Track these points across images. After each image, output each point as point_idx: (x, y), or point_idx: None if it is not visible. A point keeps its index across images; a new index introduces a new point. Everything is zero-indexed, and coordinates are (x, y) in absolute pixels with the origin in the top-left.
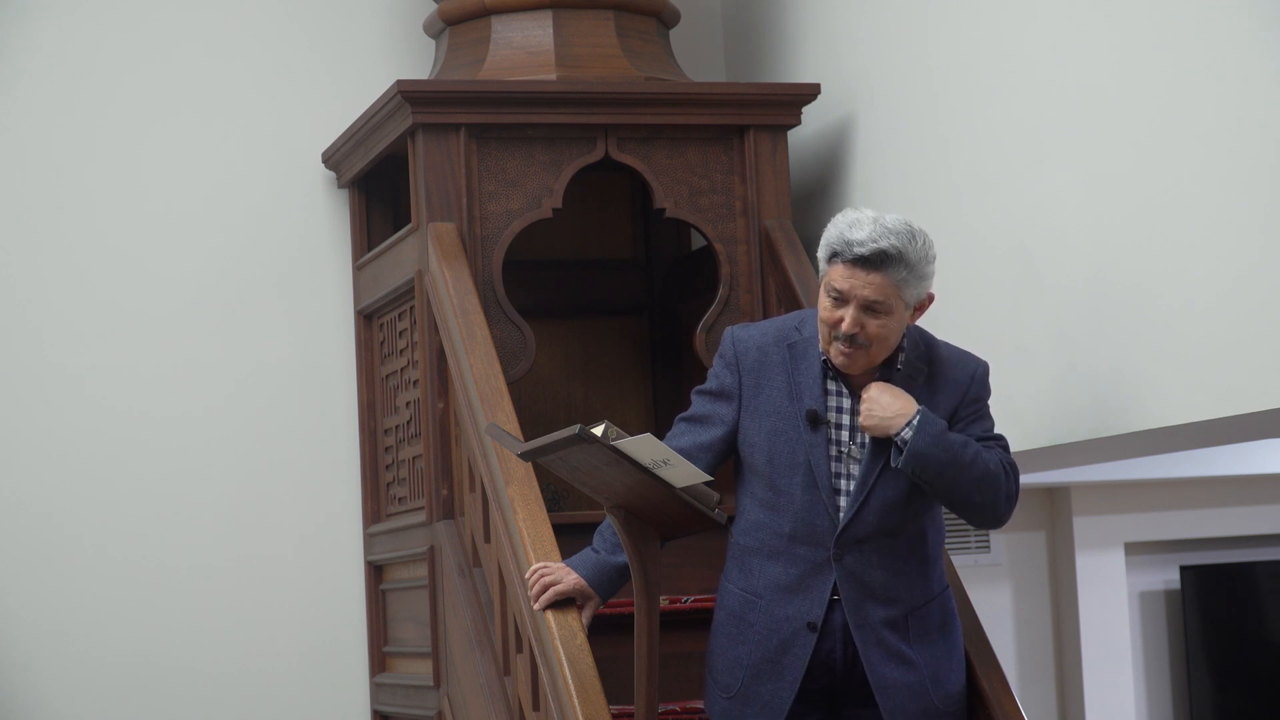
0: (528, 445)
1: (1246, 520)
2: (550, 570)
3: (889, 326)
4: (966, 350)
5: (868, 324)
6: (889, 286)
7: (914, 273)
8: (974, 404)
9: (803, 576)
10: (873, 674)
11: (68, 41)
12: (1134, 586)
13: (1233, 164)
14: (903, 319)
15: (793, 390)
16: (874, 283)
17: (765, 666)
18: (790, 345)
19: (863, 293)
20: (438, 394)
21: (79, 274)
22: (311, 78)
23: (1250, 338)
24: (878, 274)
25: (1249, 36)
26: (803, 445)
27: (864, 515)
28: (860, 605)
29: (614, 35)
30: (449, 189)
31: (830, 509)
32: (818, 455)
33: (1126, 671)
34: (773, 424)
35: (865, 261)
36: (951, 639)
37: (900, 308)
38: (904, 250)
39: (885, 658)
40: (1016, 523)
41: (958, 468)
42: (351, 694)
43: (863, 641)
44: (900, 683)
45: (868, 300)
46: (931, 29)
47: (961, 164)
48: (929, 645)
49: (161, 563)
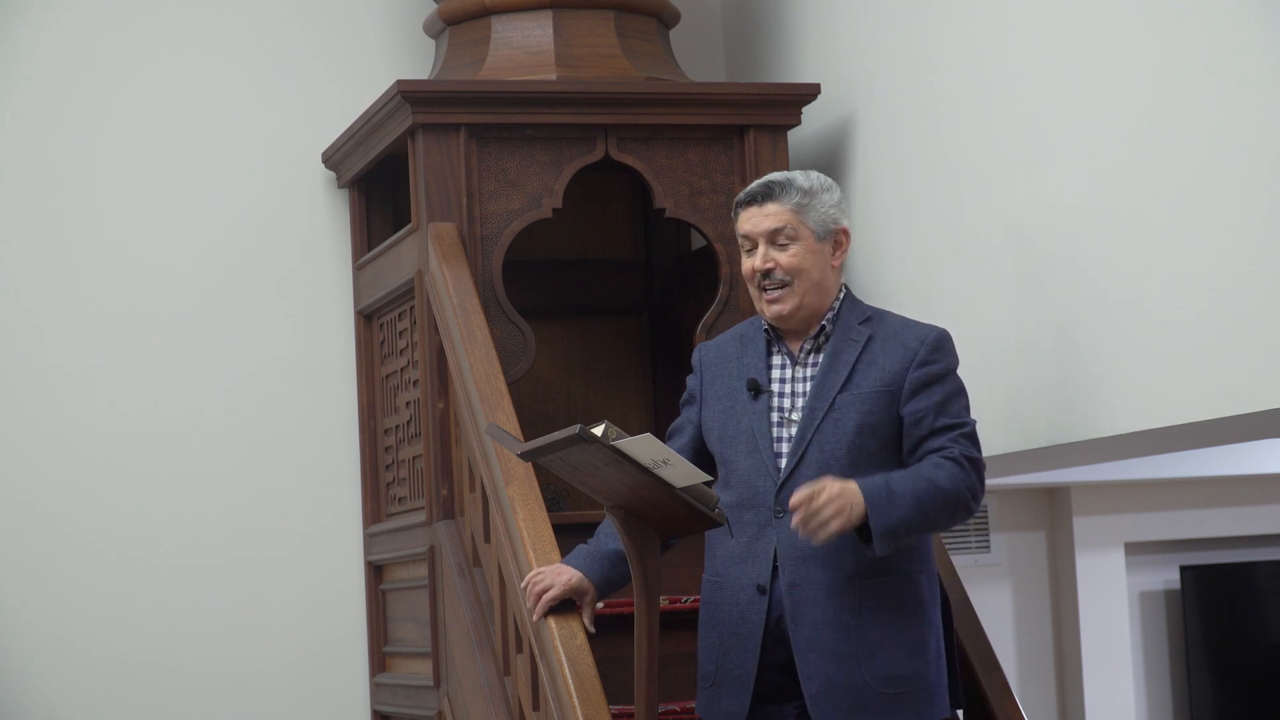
0: (528, 445)
1: (1246, 520)
2: (542, 577)
3: (801, 255)
4: (934, 325)
5: (779, 257)
6: (787, 213)
7: (811, 198)
8: (923, 369)
9: (750, 542)
10: (796, 634)
11: (67, 42)
12: (1134, 586)
13: (1233, 164)
14: (815, 250)
15: (741, 372)
16: (771, 212)
17: (732, 641)
18: (742, 336)
19: (764, 224)
20: (438, 394)
21: (79, 274)
22: (311, 78)
23: (1250, 337)
24: (773, 203)
25: (1250, 37)
26: (747, 415)
27: (802, 470)
28: (799, 566)
29: (614, 35)
30: (449, 189)
31: (771, 470)
32: (759, 422)
33: (1126, 671)
34: (724, 405)
35: (758, 196)
36: (911, 624)
37: (807, 235)
38: (792, 178)
39: (818, 621)
40: (1016, 523)
41: (923, 513)
42: (351, 694)
43: (793, 601)
44: (829, 648)
45: (770, 230)
46: (931, 28)
47: (961, 164)
48: (879, 620)
49: (161, 562)
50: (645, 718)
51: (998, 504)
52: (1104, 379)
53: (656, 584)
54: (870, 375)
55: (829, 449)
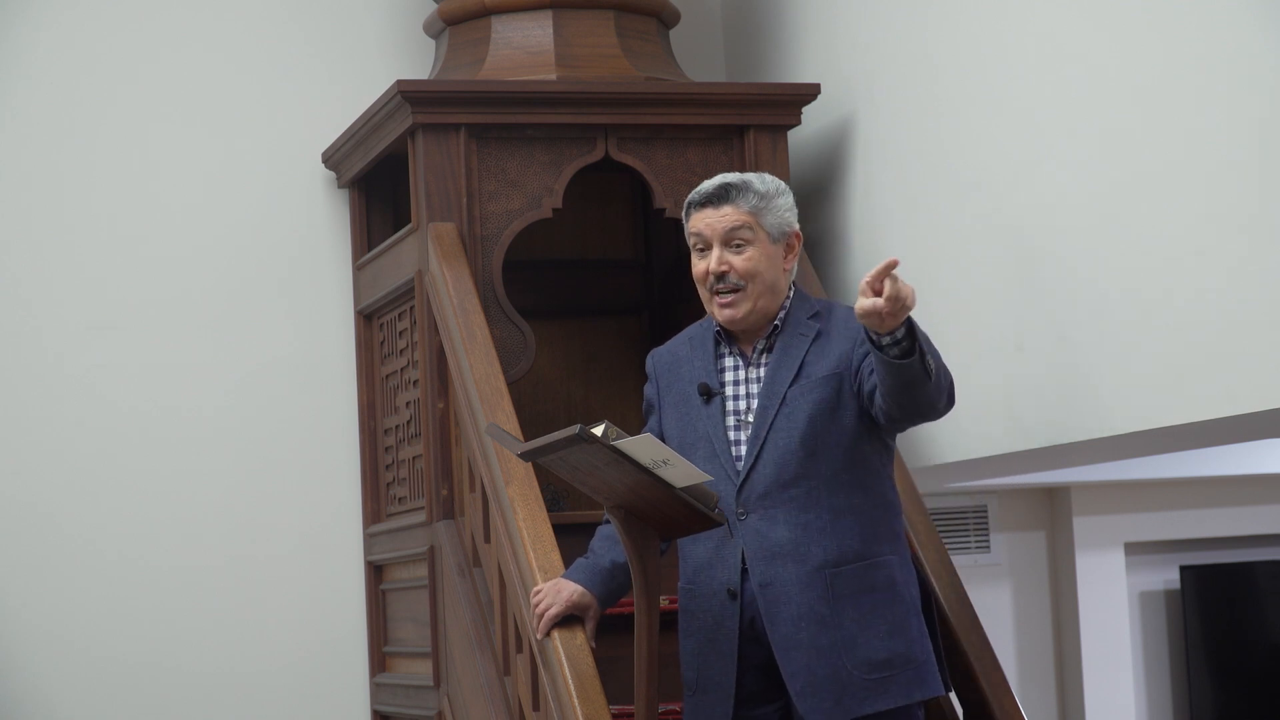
0: (528, 445)
1: (1246, 520)
2: (542, 596)
3: (756, 259)
4: None
5: (733, 260)
6: (743, 215)
7: (766, 201)
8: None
9: (718, 546)
10: (774, 633)
11: (68, 42)
12: (1134, 586)
13: (1233, 163)
14: (769, 252)
15: (692, 376)
16: (726, 214)
17: (709, 648)
18: (691, 339)
19: (719, 225)
20: (438, 394)
21: (78, 273)
22: (311, 78)
23: (1250, 338)
24: (728, 205)
25: (1250, 37)
26: (702, 420)
27: (760, 468)
28: (768, 564)
29: (614, 35)
30: (449, 189)
31: (730, 473)
32: (715, 426)
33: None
34: (680, 411)
35: (714, 198)
36: (887, 605)
37: (763, 238)
38: (748, 180)
39: (793, 617)
40: (1016, 523)
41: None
42: (351, 694)
43: (766, 601)
44: (808, 643)
45: (725, 232)
46: (932, 29)
47: (961, 164)
48: (854, 607)
49: (161, 562)
50: (645, 718)
51: (998, 504)
52: (1104, 379)
53: (656, 584)
54: (819, 365)
55: (783, 444)
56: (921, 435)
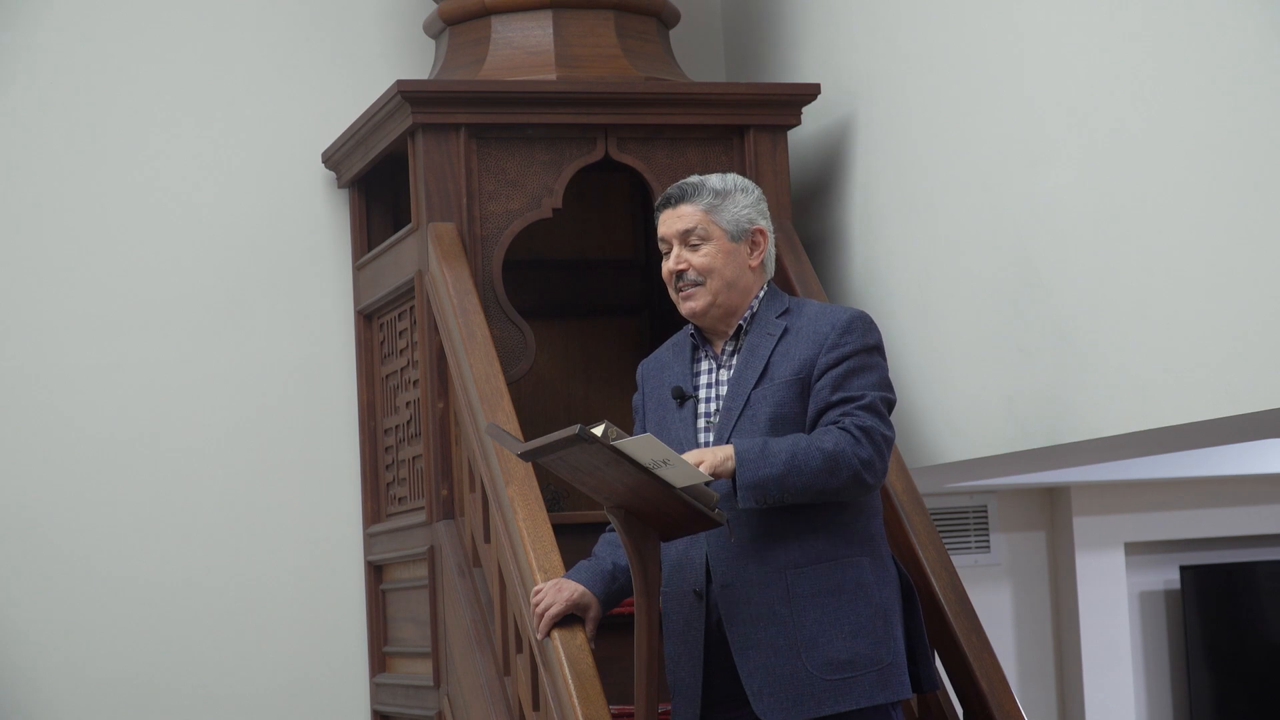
0: (528, 445)
1: (1246, 520)
2: (542, 595)
3: (713, 255)
4: (852, 307)
5: (691, 257)
6: (697, 214)
7: (724, 199)
8: (832, 353)
9: (685, 549)
10: (733, 633)
11: (68, 43)
12: (1134, 586)
13: (1233, 163)
14: (728, 249)
15: (670, 381)
16: (684, 214)
17: (681, 650)
18: (674, 345)
19: (676, 226)
20: (438, 394)
21: (78, 273)
22: (311, 78)
23: (1250, 337)
24: (685, 205)
25: (1250, 37)
26: (675, 424)
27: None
28: (730, 565)
29: (614, 35)
30: (449, 189)
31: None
32: (685, 429)
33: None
34: (659, 416)
35: (671, 199)
36: (851, 606)
37: (719, 235)
38: (705, 180)
39: (752, 617)
40: (1016, 523)
41: (798, 471)
42: (351, 694)
43: (726, 602)
44: (767, 642)
45: (682, 232)
46: (931, 29)
47: (961, 164)
48: (816, 607)
49: (161, 563)
50: (645, 718)
51: (998, 504)
52: (1104, 379)
53: (656, 584)
54: (784, 366)
55: None
56: (921, 435)
